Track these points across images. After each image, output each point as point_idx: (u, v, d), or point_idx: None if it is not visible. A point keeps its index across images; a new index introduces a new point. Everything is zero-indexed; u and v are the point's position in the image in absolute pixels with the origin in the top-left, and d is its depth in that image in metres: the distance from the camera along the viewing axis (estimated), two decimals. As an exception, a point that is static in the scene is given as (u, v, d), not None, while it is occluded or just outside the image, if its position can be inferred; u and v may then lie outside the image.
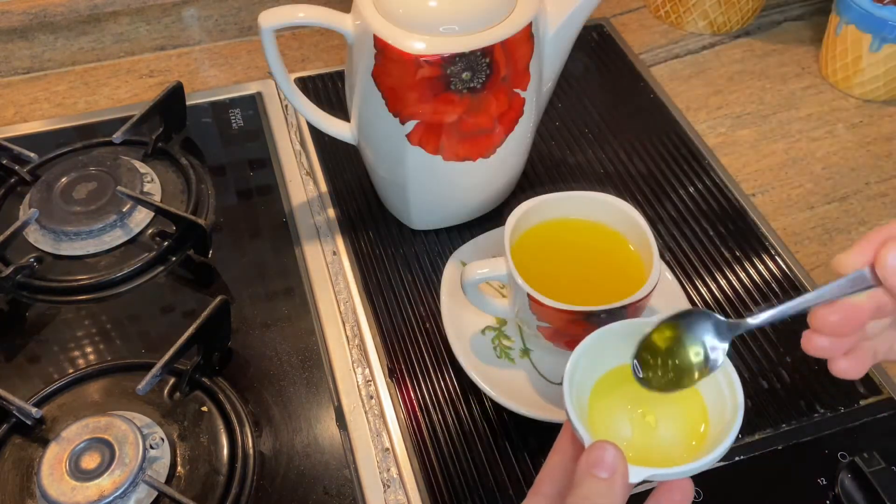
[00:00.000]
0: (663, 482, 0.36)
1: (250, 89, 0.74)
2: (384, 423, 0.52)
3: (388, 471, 0.49)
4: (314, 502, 0.48)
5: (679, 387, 0.38)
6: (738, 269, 0.60)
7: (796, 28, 0.82)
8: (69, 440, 0.48)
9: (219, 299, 0.52)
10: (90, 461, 0.47)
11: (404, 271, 0.60)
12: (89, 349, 0.55)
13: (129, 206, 0.62)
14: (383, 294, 0.58)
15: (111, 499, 0.46)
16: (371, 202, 0.64)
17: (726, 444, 0.36)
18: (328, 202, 0.64)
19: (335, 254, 0.61)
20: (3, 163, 0.65)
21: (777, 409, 0.52)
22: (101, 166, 0.64)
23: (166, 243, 0.60)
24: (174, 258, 0.60)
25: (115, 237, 0.61)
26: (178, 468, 0.49)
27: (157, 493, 0.47)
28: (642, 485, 0.35)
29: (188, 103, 0.70)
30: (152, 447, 0.49)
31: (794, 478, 0.49)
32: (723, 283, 0.59)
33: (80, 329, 0.56)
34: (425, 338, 0.56)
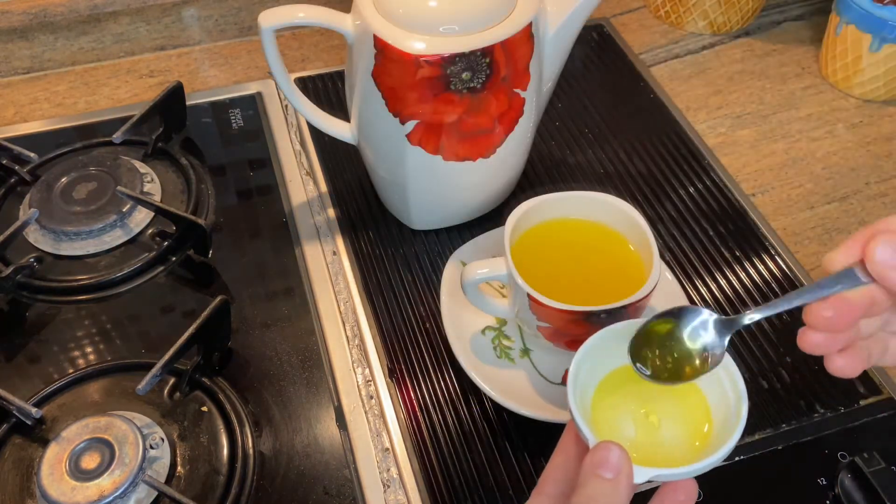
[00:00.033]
0: (667, 482, 0.36)
1: (250, 89, 0.74)
2: (384, 423, 0.52)
3: (388, 471, 0.49)
4: (314, 502, 0.48)
5: (680, 378, 0.38)
6: (738, 269, 0.60)
7: (796, 28, 0.82)
8: (69, 440, 0.48)
9: (219, 299, 0.52)
10: (90, 461, 0.47)
11: (404, 271, 0.60)
12: (89, 349, 0.55)
13: (129, 206, 0.62)
14: (383, 294, 0.58)
15: (111, 499, 0.46)
16: (371, 202, 0.64)
17: (730, 445, 0.36)
18: (328, 202, 0.64)
19: (335, 254, 0.61)
20: (3, 163, 0.65)
21: (777, 409, 0.52)
22: (101, 166, 0.64)
23: (166, 243, 0.60)
24: (174, 258, 0.60)
25: (115, 237, 0.61)
26: (178, 468, 0.49)
27: (157, 493, 0.47)
28: (645, 484, 0.35)
29: (188, 103, 0.70)
30: (152, 447, 0.49)
31: (794, 478, 0.49)
32: (723, 283, 0.59)
33: (80, 329, 0.56)
34: (425, 338, 0.56)
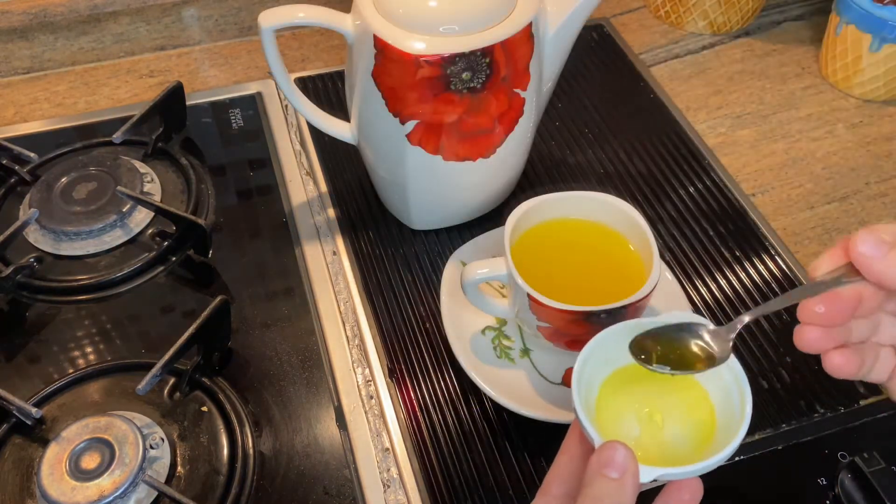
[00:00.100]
0: (672, 481, 0.36)
1: (250, 89, 0.74)
2: (384, 423, 0.52)
3: (388, 471, 0.49)
4: (314, 502, 0.48)
5: (684, 368, 0.38)
6: (738, 269, 0.60)
7: (796, 28, 0.82)
8: (69, 440, 0.48)
9: (219, 299, 0.52)
10: (90, 461, 0.47)
11: (404, 271, 0.60)
12: (89, 349, 0.55)
13: (129, 206, 0.62)
14: (383, 294, 0.58)
15: (111, 499, 0.46)
16: (371, 202, 0.64)
17: (735, 443, 0.36)
18: (328, 202, 0.64)
19: (335, 254, 0.61)
20: (3, 163, 0.65)
21: (777, 409, 0.52)
22: (101, 166, 0.64)
23: (166, 243, 0.60)
24: (174, 258, 0.60)
25: (115, 237, 0.61)
26: (178, 468, 0.49)
27: (157, 493, 0.47)
28: (649, 484, 0.35)
29: (188, 103, 0.70)
30: (152, 447, 0.49)
31: (794, 478, 0.49)
32: (723, 283, 0.59)
33: (80, 329, 0.56)
34: (425, 338, 0.56)
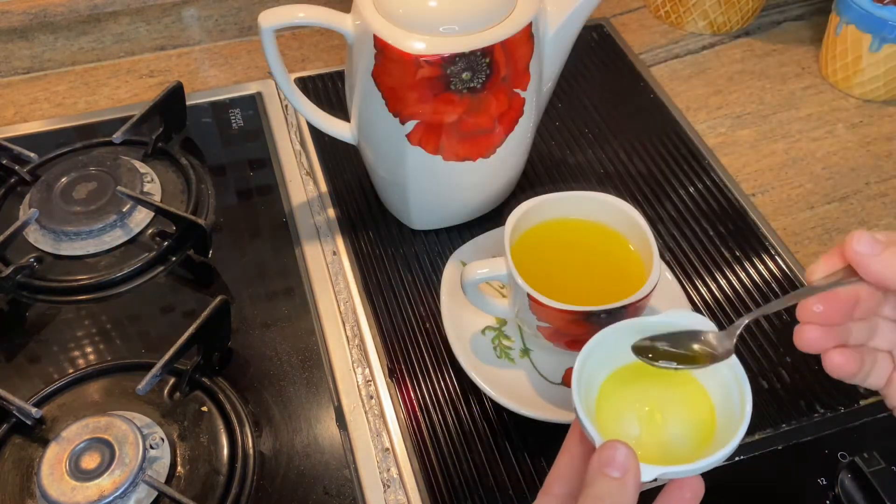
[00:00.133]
0: (673, 480, 0.36)
1: (250, 89, 0.74)
2: (384, 423, 0.52)
3: (388, 471, 0.49)
4: (314, 502, 0.48)
5: (687, 363, 0.39)
6: (738, 269, 0.60)
7: (796, 28, 0.82)
8: (69, 440, 0.48)
9: (219, 299, 0.52)
10: (90, 461, 0.47)
11: (404, 271, 0.60)
12: (89, 349, 0.55)
13: (129, 206, 0.62)
14: (383, 294, 0.58)
15: (111, 499, 0.46)
16: (371, 202, 0.64)
17: (736, 441, 0.36)
18: (328, 202, 0.64)
19: (335, 254, 0.61)
20: (3, 163, 0.65)
21: (777, 409, 0.52)
22: (101, 166, 0.64)
23: (166, 243, 0.60)
24: (174, 258, 0.60)
25: (115, 237, 0.61)
26: (178, 468, 0.49)
27: (157, 493, 0.47)
28: (649, 483, 0.35)
29: (188, 103, 0.70)
30: (152, 447, 0.49)
31: (794, 478, 0.49)
32: (723, 283, 0.59)
33: (80, 329, 0.56)
34: (425, 338, 0.56)
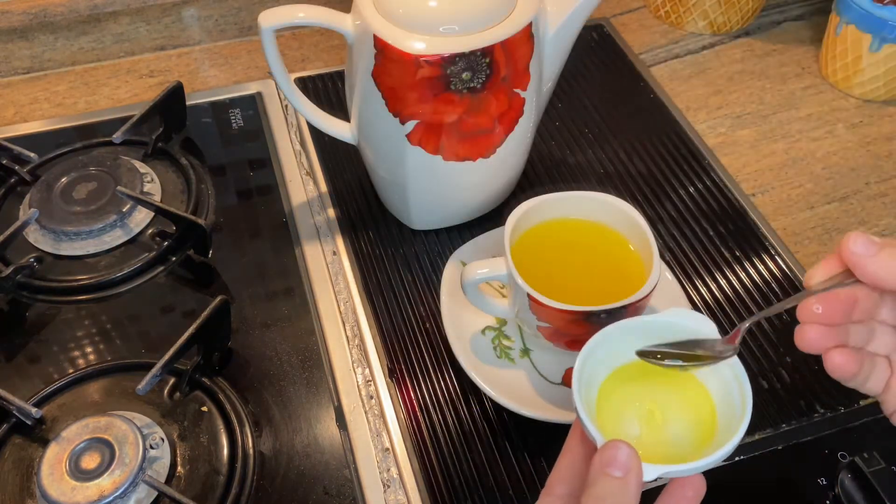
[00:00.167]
0: (675, 479, 0.36)
1: (250, 89, 0.74)
2: (384, 423, 0.52)
3: (388, 471, 0.49)
4: (314, 502, 0.48)
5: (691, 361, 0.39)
6: (738, 269, 0.60)
7: (796, 28, 0.82)
8: (69, 440, 0.48)
9: (219, 299, 0.52)
10: (90, 461, 0.47)
11: (404, 271, 0.60)
12: (89, 349, 0.55)
13: (129, 206, 0.62)
14: (383, 294, 0.58)
15: (111, 499, 0.46)
16: (371, 202, 0.64)
17: (737, 439, 0.36)
18: (328, 202, 0.64)
19: (335, 254, 0.61)
20: (3, 163, 0.65)
21: (777, 409, 0.52)
22: (101, 166, 0.64)
23: (166, 243, 0.60)
24: (174, 258, 0.60)
25: (115, 237, 0.61)
26: (178, 468, 0.49)
27: (157, 493, 0.47)
28: (650, 483, 0.35)
29: (188, 103, 0.70)
30: (152, 447, 0.49)
31: (794, 478, 0.49)
32: (723, 283, 0.59)
33: (80, 329, 0.56)
34: (425, 338, 0.56)
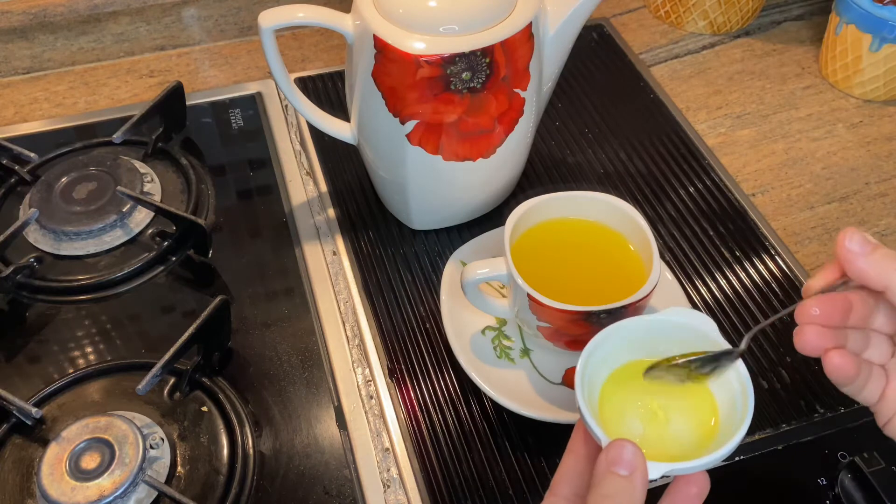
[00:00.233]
0: (679, 477, 0.36)
1: (250, 89, 0.74)
2: (384, 423, 0.52)
3: (388, 471, 0.49)
4: (314, 502, 0.48)
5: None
6: (738, 269, 0.60)
7: (796, 28, 0.82)
8: (69, 440, 0.48)
9: (219, 299, 0.52)
10: (90, 461, 0.47)
11: (404, 271, 0.60)
12: (89, 349, 0.55)
13: (129, 206, 0.62)
14: (383, 294, 0.58)
15: (111, 499, 0.46)
16: (371, 202, 0.64)
17: (740, 435, 0.36)
18: (328, 202, 0.64)
19: (335, 254, 0.61)
20: (3, 163, 0.65)
21: (777, 409, 0.52)
22: (101, 166, 0.64)
23: (166, 243, 0.60)
24: (174, 258, 0.60)
25: (115, 237, 0.61)
26: (178, 468, 0.49)
27: (157, 493, 0.47)
28: (657, 480, 0.35)
29: (188, 103, 0.70)
30: (152, 447, 0.49)
31: (794, 478, 0.49)
32: (723, 283, 0.59)
33: (80, 329, 0.56)
34: (425, 338, 0.56)
